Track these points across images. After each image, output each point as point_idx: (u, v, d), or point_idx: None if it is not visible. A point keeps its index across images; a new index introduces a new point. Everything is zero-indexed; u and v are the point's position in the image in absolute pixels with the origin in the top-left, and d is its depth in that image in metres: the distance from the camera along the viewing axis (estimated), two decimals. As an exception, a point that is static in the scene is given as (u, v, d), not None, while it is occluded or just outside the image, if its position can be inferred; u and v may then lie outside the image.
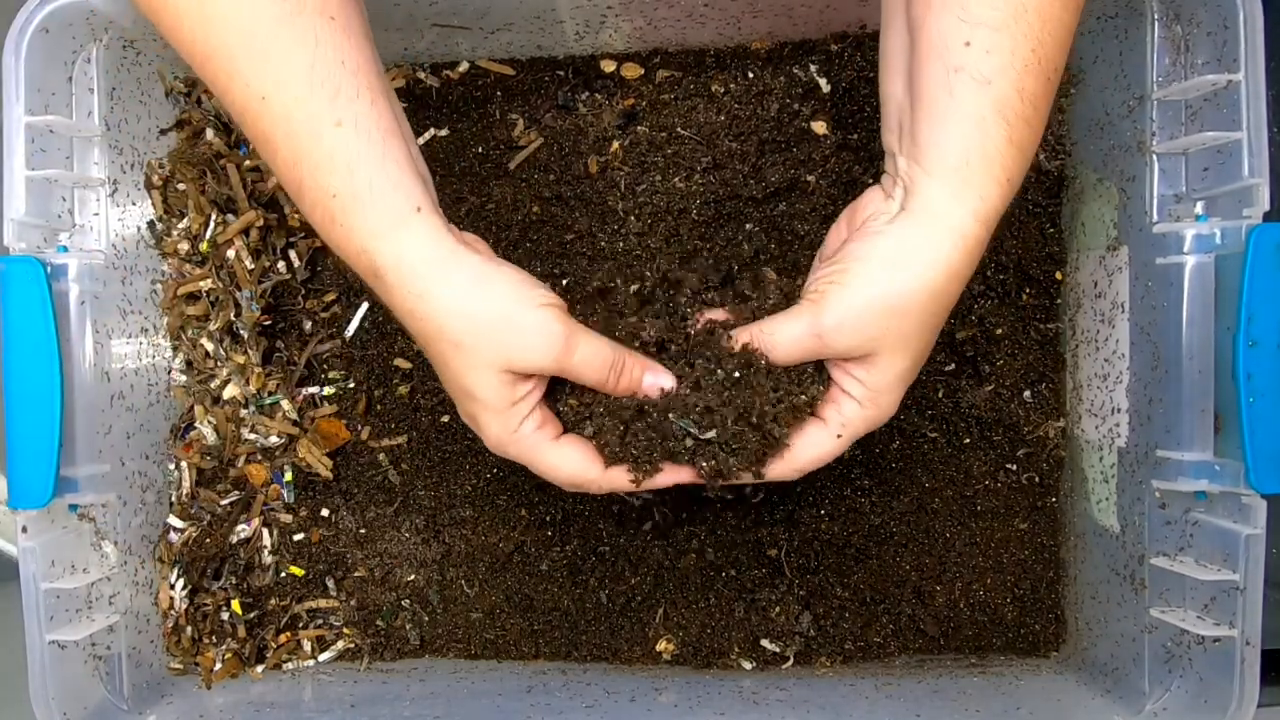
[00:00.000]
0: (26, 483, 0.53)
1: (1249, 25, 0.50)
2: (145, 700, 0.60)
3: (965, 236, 0.42)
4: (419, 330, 0.44)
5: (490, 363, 0.44)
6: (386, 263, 0.42)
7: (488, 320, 0.43)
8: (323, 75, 0.40)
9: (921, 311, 0.43)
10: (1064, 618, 0.64)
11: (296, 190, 0.42)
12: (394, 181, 0.42)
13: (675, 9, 0.58)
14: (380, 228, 0.42)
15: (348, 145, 0.41)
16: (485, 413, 0.46)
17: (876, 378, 0.45)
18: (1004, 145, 0.41)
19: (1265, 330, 0.49)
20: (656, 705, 0.58)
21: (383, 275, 0.42)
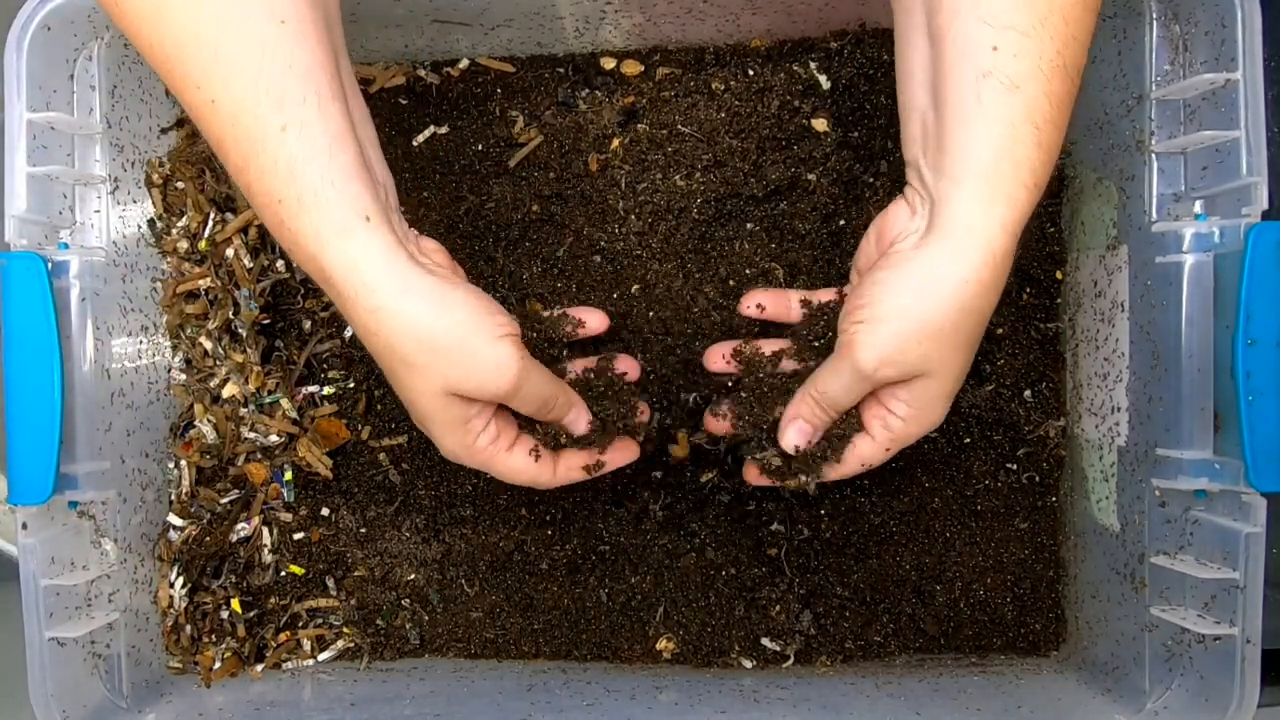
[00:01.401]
0: (26, 479, 0.53)
1: (1247, 25, 0.50)
2: (145, 699, 0.60)
3: (994, 250, 0.42)
4: (371, 345, 0.44)
5: (443, 388, 0.45)
6: (335, 272, 0.42)
7: (445, 346, 0.44)
8: (269, 81, 0.40)
9: (956, 331, 0.44)
10: (1064, 617, 0.64)
11: (247, 192, 0.43)
12: (339, 188, 0.42)
13: (675, 5, 0.59)
14: (325, 235, 0.42)
15: (291, 151, 0.41)
16: (437, 427, 0.47)
17: (921, 396, 0.46)
18: (1033, 150, 0.41)
19: (1264, 329, 0.49)
20: (657, 704, 0.58)
21: (333, 283, 0.43)
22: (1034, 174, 0.41)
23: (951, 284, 0.42)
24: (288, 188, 0.41)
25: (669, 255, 0.63)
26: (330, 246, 0.42)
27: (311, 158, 0.41)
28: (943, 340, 0.44)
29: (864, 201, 0.62)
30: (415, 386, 0.45)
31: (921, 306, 0.43)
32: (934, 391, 0.46)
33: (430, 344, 0.43)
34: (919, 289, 0.43)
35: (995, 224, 0.42)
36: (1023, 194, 0.41)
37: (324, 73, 0.42)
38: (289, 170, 0.41)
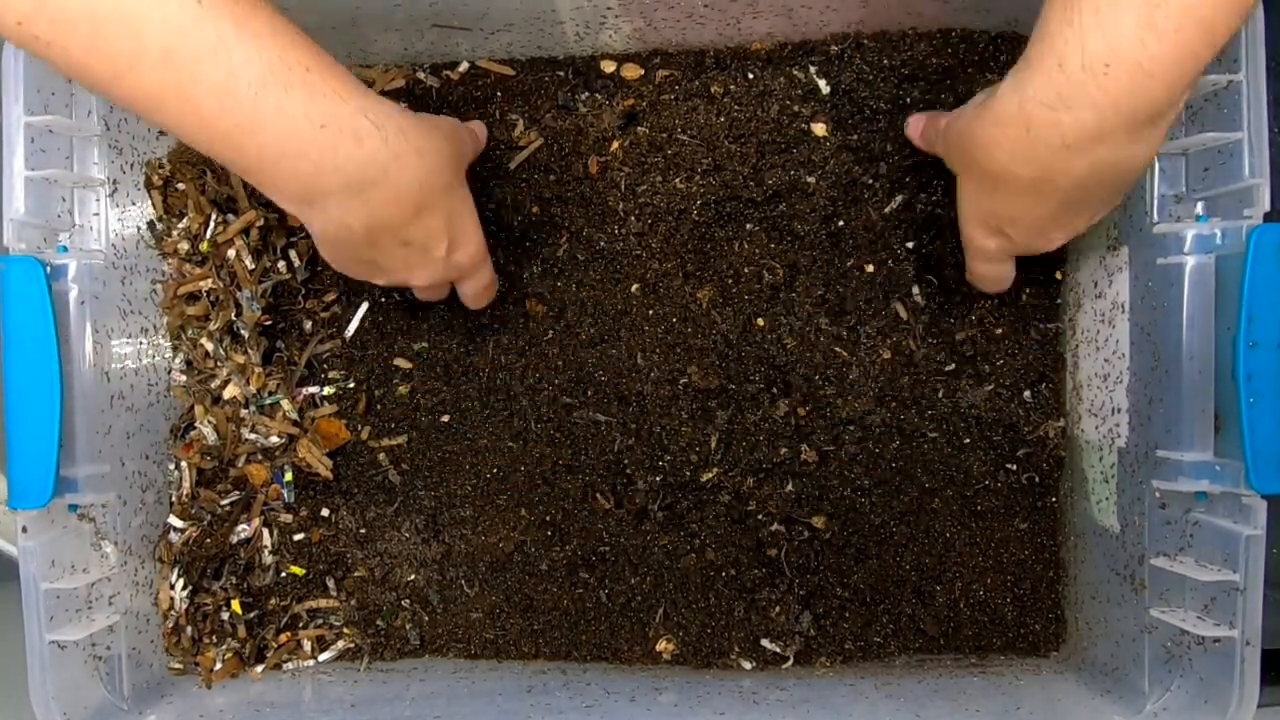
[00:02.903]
0: (26, 483, 0.53)
1: (1249, 25, 0.50)
2: (145, 700, 0.60)
3: (1001, 103, 0.44)
4: (427, 175, 0.48)
5: (462, 165, 0.53)
6: (381, 114, 0.45)
7: (448, 138, 0.51)
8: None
9: (964, 156, 0.49)
10: (1064, 618, 0.64)
11: (256, 90, 0.42)
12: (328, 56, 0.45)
13: (675, 10, 0.58)
14: (355, 83, 0.45)
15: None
16: (476, 224, 0.54)
17: (959, 193, 0.53)
18: (1067, 30, 0.40)
19: (1265, 331, 0.49)
20: (656, 705, 0.58)
21: (384, 126, 0.45)
22: (1056, 53, 0.41)
23: (978, 110, 0.47)
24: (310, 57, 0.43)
25: (669, 255, 0.63)
26: (363, 91, 0.45)
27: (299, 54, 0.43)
28: (958, 151, 0.50)
29: (863, 204, 0.62)
30: (459, 179, 0.52)
31: (960, 114, 0.50)
32: (962, 193, 0.52)
33: (449, 133, 0.52)
34: (970, 104, 0.50)
35: (1011, 85, 0.44)
36: (1042, 78, 0.42)
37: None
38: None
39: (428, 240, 0.51)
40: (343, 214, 0.47)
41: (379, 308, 0.65)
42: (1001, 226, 0.51)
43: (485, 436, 0.65)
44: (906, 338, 0.63)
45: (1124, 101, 0.40)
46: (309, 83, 0.43)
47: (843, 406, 0.62)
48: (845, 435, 0.63)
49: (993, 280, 0.58)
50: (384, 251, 0.50)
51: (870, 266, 0.63)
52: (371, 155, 0.45)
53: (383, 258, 0.51)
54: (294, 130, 0.43)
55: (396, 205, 0.47)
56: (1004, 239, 0.52)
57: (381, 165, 0.45)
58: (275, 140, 0.43)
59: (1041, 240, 0.51)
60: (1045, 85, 0.41)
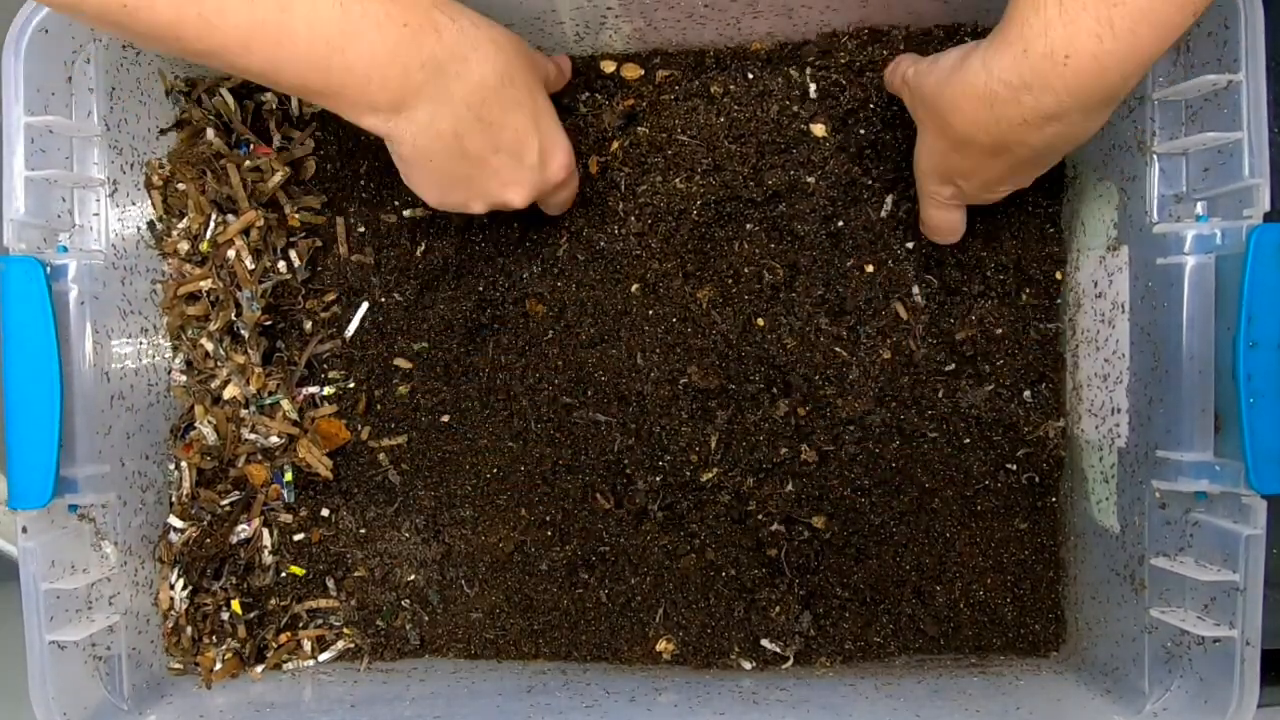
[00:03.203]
0: (26, 483, 0.53)
1: (1249, 25, 0.50)
2: (145, 700, 0.60)
3: (969, 75, 0.46)
4: (505, 65, 0.49)
5: (541, 72, 0.54)
6: (455, 8, 0.48)
7: (521, 44, 0.53)
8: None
9: (933, 116, 0.50)
10: (1064, 618, 0.64)
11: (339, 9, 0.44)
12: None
13: (675, 10, 0.58)
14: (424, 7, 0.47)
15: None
16: (558, 125, 0.54)
17: (916, 146, 0.55)
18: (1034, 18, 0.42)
19: (1266, 331, 0.49)
20: (656, 705, 0.58)
21: (459, 20, 0.47)
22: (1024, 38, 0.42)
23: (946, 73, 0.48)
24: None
25: (669, 255, 0.63)
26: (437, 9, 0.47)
27: None
28: (925, 107, 0.51)
29: (862, 204, 0.62)
30: (536, 79, 0.52)
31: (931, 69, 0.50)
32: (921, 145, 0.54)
33: (519, 41, 0.52)
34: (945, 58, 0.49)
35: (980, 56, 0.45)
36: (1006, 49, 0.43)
37: None
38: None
39: (518, 144, 0.52)
40: (432, 118, 0.48)
41: (379, 308, 0.65)
42: (954, 178, 0.53)
43: (485, 436, 0.65)
44: (906, 338, 0.63)
45: (1080, 90, 0.42)
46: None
47: (843, 406, 0.62)
48: (845, 435, 0.63)
49: (945, 228, 0.58)
50: (477, 163, 0.51)
51: (870, 266, 0.63)
52: (452, 46, 0.47)
53: (477, 170, 0.51)
54: (380, 35, 0.45)
55: (480, 94, 0.49)
56: (956, 189, 0.54)
57: (462, 55, 0.47)
58: (366, 50, 0.44)
59: (989, 194, 0.54)
60: (1010, 67, 0.43)
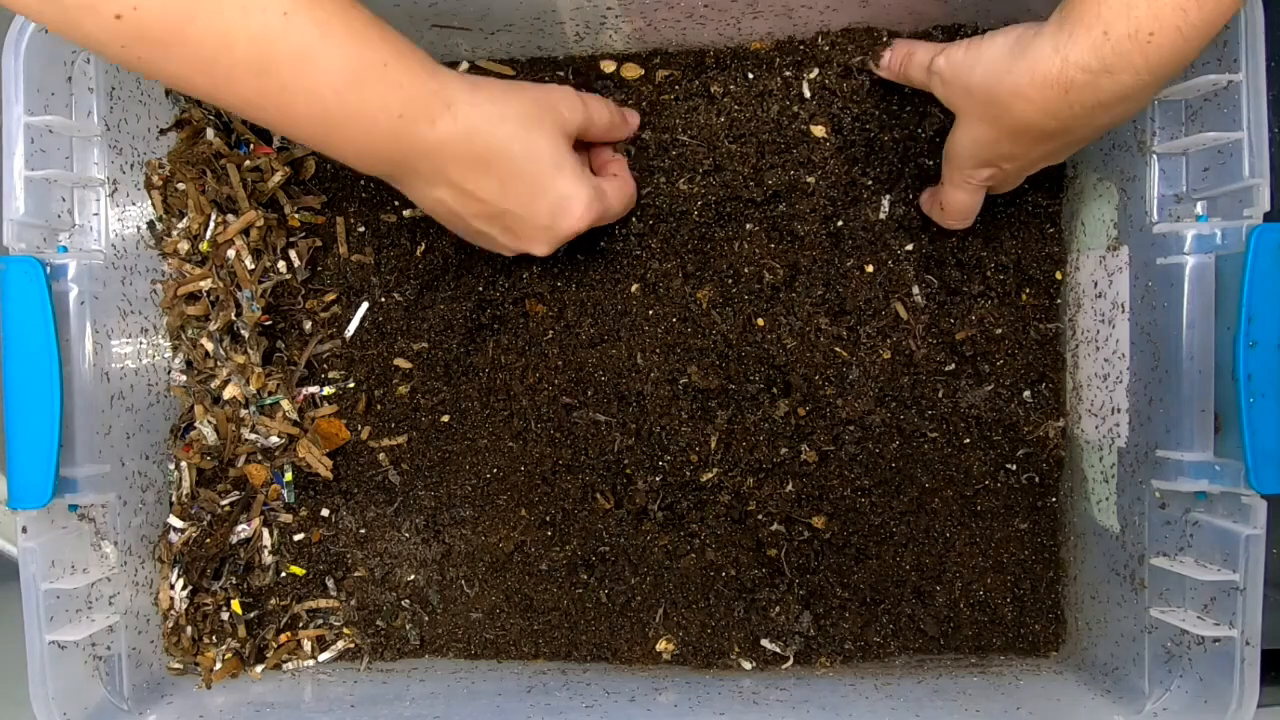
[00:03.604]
0: (26, 483, 0.53)
1: (1249, 25, 0.50)
2: (145, 700, 0.60)
3: (1040, 64, 0.45)
4: (508, 137, 0.50)
5: (561, 129, 0.53)
6: (458, 91, 0.48)
7: (535, 102, 0.52)
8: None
9: (987, 105, 0.49)
10: (1064, 618, 0.64)
11: (340, 91, 0.45)
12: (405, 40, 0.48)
13: (675, 10, 0.58)
14: (432, 68, 0.48)
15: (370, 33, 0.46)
16: (572, 179, 0.53)
17: (952, 135, 0.54)
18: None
19: (1266, 330, 0.49)
20: (656, 705, 0.58)
21: (457, 102, 0.48)
22: (1104, 20, 0.42)
23: (993, 61, 0.48)
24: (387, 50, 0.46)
25: (669, 255, 0.63)
26: (441, 75, 0.48)
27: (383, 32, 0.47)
28: (974, 97, 0.50)
29: (862, 204, 0.62)
30: (544, 139, 0.51)
31: (975, 60, 0.50)
32: (957, 133, 0.53)
33: (536, 98, 0.52)
34: (988, 48, 0.49)
35: (1050, 43, 0.45)
36: (1083, 33, 0.43)
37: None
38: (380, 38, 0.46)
39: (525, 210, 0.52)
40: (434, 191, 0.51)
41: (379, 308, 0.65)
42: (999, 163, 0.53)
43: (485, 436, 0.65)
44: (906, 338, 0.63)
45: (1162, 66, 0.43)
46: (386, 78, 0.46)
47: (843, 406, 0.62)
48: (845, 435, 0.63)
49: (966, 212, 0.58)
50: (484, 224, 0.53)
51: (870, 266, 0.63)
52: (446, 136, 0.48)
53: (488, 231, 0.53)
54: (376, 123, 0.46)
55: (473, 174, 0.50)
56: (995, 172, 0.54)
57: (454, 144, 0.48)
58: (362, 133, 0.47)
59: (1031, 170, 0.54)
60: (1089, 52, 0.43)
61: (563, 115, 0.53)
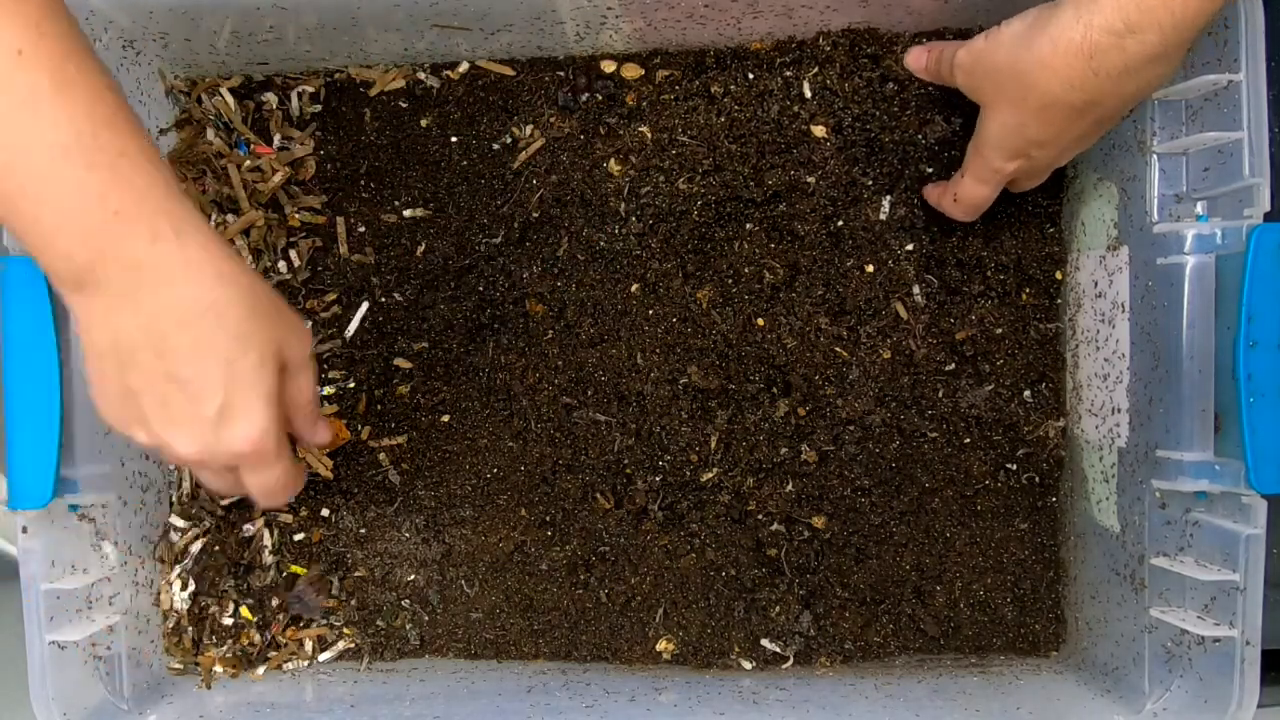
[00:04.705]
0: (26, 483, 0.53)
1: (1249, 25, 0.50)
2: (145, 700, 0.60)
3: (1062, 33, 0.45)
4: (219, 289, 0.41)
5: (275, 351, 0.44)
6: (189, 222, 0.41)
7: (273, 308, 0.44)
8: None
9: (1011, 86, 0.49)
10: (1064, 618, 0.64)
11: (49, 179, 0.38)
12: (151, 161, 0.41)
13: (675, 9, 0.58)
14: (174, 192, 0.41)
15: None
16: (257, 396, 0.43)
17: (980, 126, 0.53)
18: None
19: (1266, 330, 0.49)
20: (656, 705, 0.58)
21: (186, 233, 0.40)
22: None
23: (1015, 40, 0.48)
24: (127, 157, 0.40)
25: (669, 255, 0.63)
26: (181, 201, 0.41)
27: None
28: (996, 79, 0.50)
29: (862, 203, 0.62)
30: (252, 326, 0.42)
31: (995, 45, 0.50)
32: (983, 126, 0.53)
33: (267, 305, 0.44)
34: (1007, 31, 0.49)
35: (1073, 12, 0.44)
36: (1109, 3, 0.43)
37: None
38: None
39: (198, 386, 0.42)
40: (110, 312, 0.41)
41: (379, 308, 0.65)
42: (1029, 150, 0.52)
43: (485, 436, 0.65)
44: (906, 338, 0.63)
45: (1189, 21, 0.42)
46: (117, 167, 0.39)
47: (843, 406, 0.62)
48: (845, 435, 0.63)
49: (980, 205, 0.57)
50: (146, 380, 0.42)
51: (870, 266, 0.63)
52: (161, 257, 0.40)
53: (145, 390, 0.42)
54: (84, 209, 0.39)
55: (171, 320, 0.41)
56: (1026, 161, 0.53)
57: (168, 271, 0.40)
58: (59, 215, 0.39)
59: (1061, 159, 0.54)
60: (1113, 13, 0.43)
61: (286, 338, 0.45)
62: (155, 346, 0.41)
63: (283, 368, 0.45)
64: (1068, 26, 0.45)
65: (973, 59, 0.52)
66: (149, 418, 0.43)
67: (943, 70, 0.57)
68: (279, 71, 0.65)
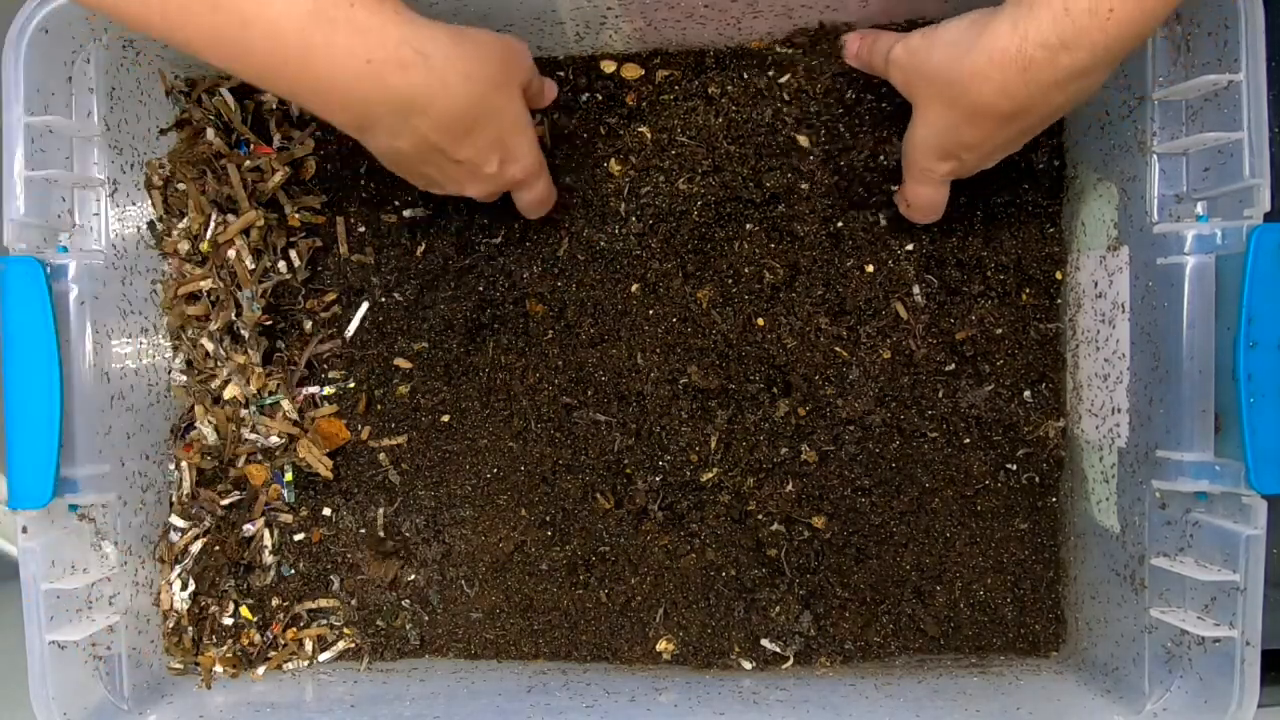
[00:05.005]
0: (26, 483, 0.53)
1: (1249, 25, 0.50)
2: (145, 700, 0.60)
3: (998, 43, 0.45)
4: (475, 97, 0.49)
5: (517, 88, 0.53)
6: (428, 41, 0.46)
7: (503, 61, 0.51)
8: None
9: (945, 89, 0.49)
10: (1064, 618, 0.64)
11: (304, 30, 0.43)
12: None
13: (675, 9, 0.58)
14: (403, 12, 0.46)
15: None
16: (531, 139, 0.55)
17: (912, 126, 0.54)
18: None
19: (1266, 331, 0.49)
20: (656, 705, 0.58)
21: (429, 53, 0.46)
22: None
23: (950, 45, 0.48)
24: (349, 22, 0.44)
25: (669, 255, 0.63)
26: (415, 24, 0.46)
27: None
28: (931, 84, 0.50)
29: (862, 203, 0.62)
30: (510, 100, 0.52)
31: (930, 46, 0.50)
32: (914, 129, 0.53)
33: (504, 56, 0.51)
34: (943, 33, 0.49)
35: (1009, 20, 0.44)
36: (1045, 11, 0.43)
37: None
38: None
39: (478, 157, 0.52)
40: (393, 138, 0.49)
41: (379, 308, 0.65)
42: (959, 152, 0.52)
43: (485, 436, 0.65)
44: (906, 338, 0.63)
45: (1115, 43, 0.43)
46: (353, 19, 0.44)
47: (843, 406, 0.62)
48: (845, 435, 0.63)
49: (932, 206, 0.58)
50: (437, 168, 0.53)
51: (870, 266, 0.63)
52: (416, 84, 0.46)
53: (436, 173, 0.53)
54: (342, 65, 0.44)
55: (442, 130, 0.49)
56: (956, 163, 0.53)
57: (427, 93, 0.47)
58: (326, 74, 0.44)
59: (988, 162, 0.54)
60: (1048, 28, 0.43)
61: (523, 73, 0.53)
62: (434, 151, 0.51)
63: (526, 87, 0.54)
64: (1004, 37, 0.45)
65: (909, 57, 0.52)
66: (444, 183, 0.55)
67: (874, 61, 0.57)
68: (279, 71, 0.65)
